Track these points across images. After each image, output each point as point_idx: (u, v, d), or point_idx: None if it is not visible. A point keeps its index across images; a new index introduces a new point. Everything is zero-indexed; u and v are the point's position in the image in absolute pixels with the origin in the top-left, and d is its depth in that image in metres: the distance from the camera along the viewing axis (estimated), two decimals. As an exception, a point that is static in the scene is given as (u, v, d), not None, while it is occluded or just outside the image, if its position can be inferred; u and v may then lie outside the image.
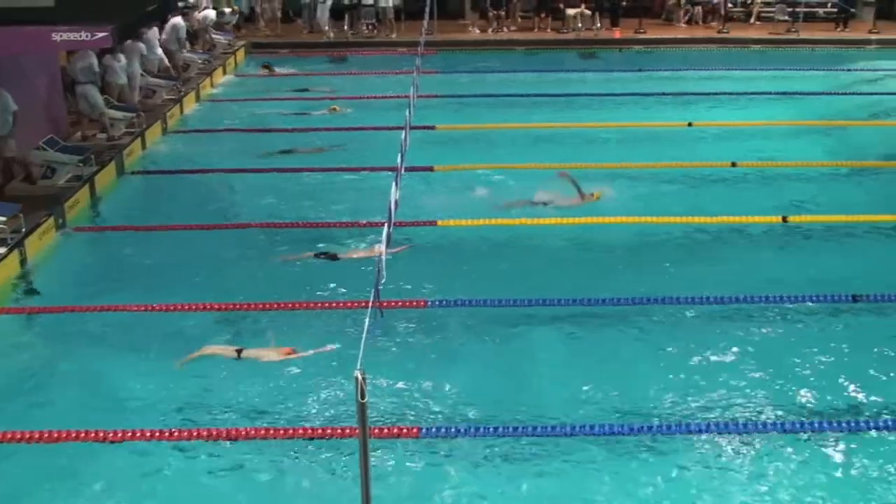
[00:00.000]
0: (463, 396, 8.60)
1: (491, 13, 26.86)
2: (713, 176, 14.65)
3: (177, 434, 8.01)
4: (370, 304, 7.03)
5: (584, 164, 14.92)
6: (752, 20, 28.00)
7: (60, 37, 12.20)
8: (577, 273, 11.18)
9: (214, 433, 8.02)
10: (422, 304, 10.26)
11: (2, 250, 11.17)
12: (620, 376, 8.94)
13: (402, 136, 12.04)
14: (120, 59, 17.14)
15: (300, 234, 12.39)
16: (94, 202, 13.89)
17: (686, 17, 27.66)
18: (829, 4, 27.96)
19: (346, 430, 7.93)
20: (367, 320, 5.92)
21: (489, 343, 9.66)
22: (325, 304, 10.30)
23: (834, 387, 8.73)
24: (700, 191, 14.16)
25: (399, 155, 11.06)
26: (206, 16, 23.58)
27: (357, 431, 5.44)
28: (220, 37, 24.27)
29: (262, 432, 8.03)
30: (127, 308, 10.25)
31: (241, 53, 24.50)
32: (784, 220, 12.59)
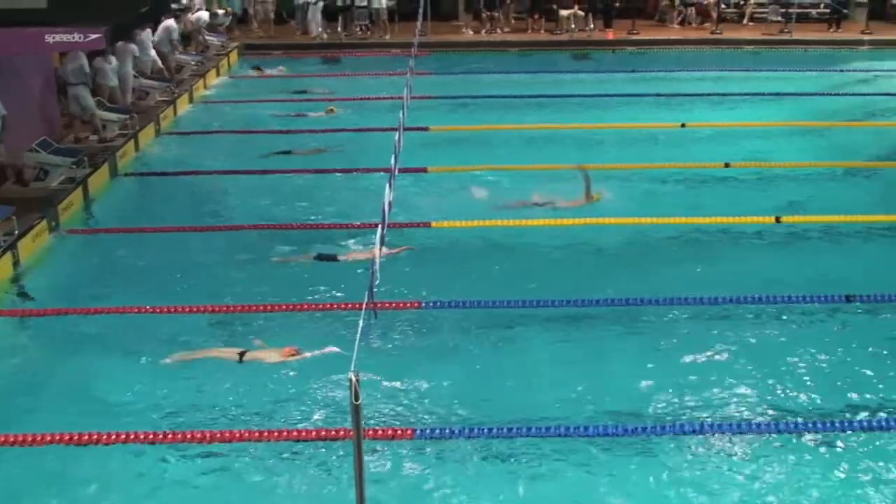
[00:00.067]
0: (457, 397, 8.59)
1: (484, 14, 26.90)
2: (706, 177, 14.68)
3: (171, 436, 7.99)
4: (364, 306, 7.02)
5: (578, 165, 14.92)
6: (745, 21, 28.08)
7: (53, 38, 12.18)
8: (571, 274, 11.19)
9: (209, 436, 8.00)
10: (416, 305, 10.25)
11: (-5, 253, 11.16)
12: (616, 377, 8.94)
13: (396, 138, 12.04)
14: (111, 61, 17.10)
15: (294, 235, 12.37)
16: (88, 204, 13.85)
17: (679, 19, 27.71)
18: (821, 5, 28.07)
19: (341, 432, 7.92)
20: (360, 322, 5.90)
21: (483, 344, 9.65)
22: (318, 306, 10.28)
23: (828, 387, 8.73)
24: (693, 192, 14.18)
25: (393, 156, 11.06)
26: (200, 17, 23.55)
27: (351, 433, 5.43)
28: (213, 38, 24.25)
29: (255, 434, 8.01)
30: (121, 310, 10.23)
31: (234, 55, 24.48)
32: (777, 220, 12.61)
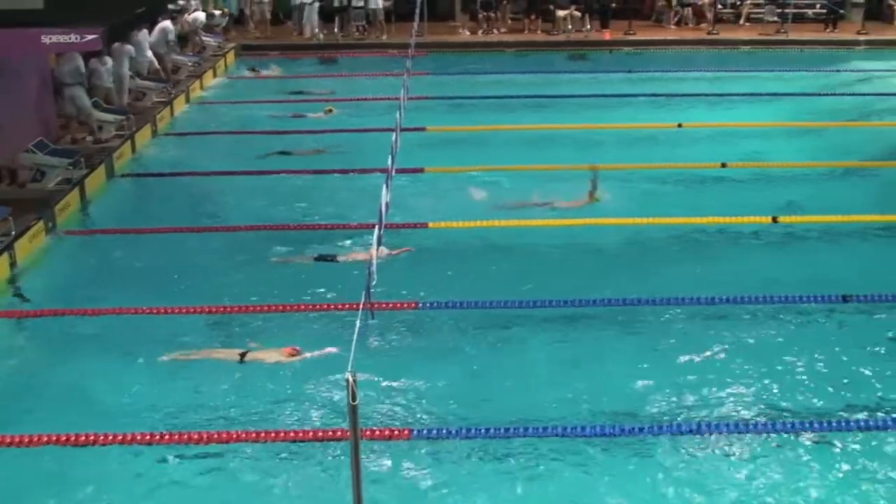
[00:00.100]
0: (455, 398, 8.59)
1: (481, 15, 26.89)
2: (703, 177, 14.68)
3: (168, 437, 7.99)
4: (361, 307, 7.01)
5: (573, 165, 14.94)
6: (741, 21, 28.08)
7: (50, 39, 12.17)
8: (569, 274, 11.19)
9: (206, 436, 8.00)
10: (413, 305, 10.25)
11: (-9, 254, 11.16)
12: (613, 377, 8.95)
13: (393, 138, 12.03)
14: (106, 62, 17.04)
15: (292, 236, 12.36)
16: (84, 205, 13.84)
17: (676, 19, 27.73)
18: (818, 5, 28.10)
19: (338, 433, 7.92)
20: (357, 322, 5.90)
21: (481, 345, 9.65)
22: (316, 307, 10.27)
23: (825, 386, 8.74)
24: (690, 192, 14.18)
25: (390, 157, 11.06)
26: (196, 18, 23.52)
27: (349, 433, 5.42)
28: (209, 39, 24.22)
29: (252, 435, 8.01)
30: (118, 311, 10.23)
31: (231, 56, 24.46)
32: (774, 220, 12.62)
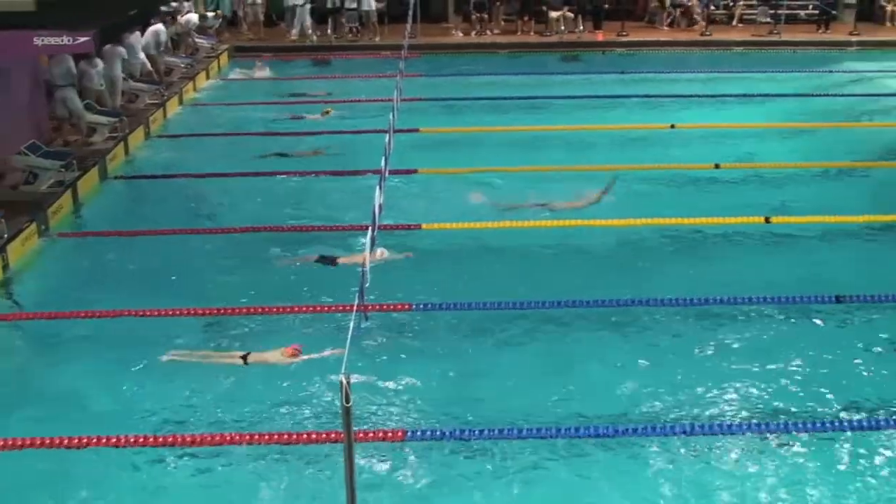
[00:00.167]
0: (448, 399, 8.59)
1: (474, 16, 26.90)
2: (696, 178, 14.70)
3: (161, 440, 7.98)
4: (355, 308, 7.03)
5: (566, 166, 14.98)
6: (734, 22, 28.16)
7: (42, 41, 12.15)
8: (562, 275, 11.20)
9: (199, 439, 7.99)
10: (407, 307, 10.26)
11: (-16, 256, 11.14)
12: (607, 378, 8.94)
13: (387, 140, 12.04)
14: (96, 65, 16.93)
15: (285, 237, 12.35)
16: (77, 207, 13.81)
17: (668, 20, 27.78)
18: (810, 6, 28.17)
19: (332, 435, 7.91)
20: (351, 324, 5.91)
21: (475, 345, 9.65)
22: (310, 308, 10.26)
23: (819, 387, 8.75)
24: (683, 193, 14.20)
25: (383, 158, 11.07)
26: (189, 20, 23.50)
27: (342, 435, 5.43)
28: (202, 41, 24.21)
29: (247, 438, 8.00)
30: (112, 313, 10.20)
31: (224, 57, 24.45)
32: (767, 220, 12.64)
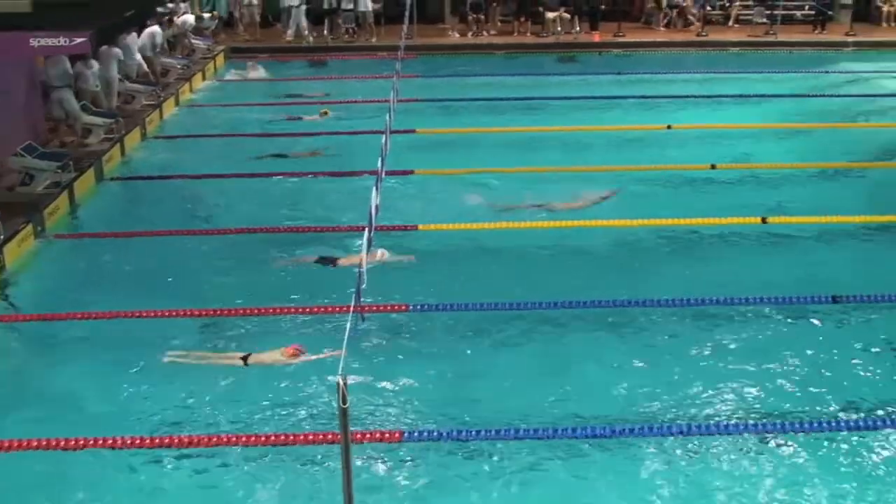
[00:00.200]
0: (446, 400, 8.59)
1: (471, 17, 26.91)
2: (692, 178, 14.71)
3: (158, 441, 7.97)
4: (351, 309, 7.01)
5: (563, 167, 14.98)
6: (730, 23, 28.19)
7: (38, 42, 12.14)
8: (558, 276, 11.20)
9: (196, 440, 7.98)
10: (404, 308, 10.25)
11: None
12: (603, 379, 8.94)
13: (383, 140, 12.03)
14: (92, 66, 16.89)
15: (282, 238, 12.35)
16: (74, 209, 13.80)
17: (665, 21, 27.80)
18: (806, 7, 28.21)
19: (329, 436, 7.91)
20: (348, 325, 5.90)
21: (472, 346, 9.65)
22: (306, 310, 10.25)
23: (815, 387, 8.76)
24: (679, 193, 14.21)
25: (379, 159, 11.05)
26: (185, 21, 23.49)
27: (339, 437, 5.42)
28: (199, 42, 24.19)
29: (244, 439, 7.99)
30: (108, 315, 10.19)
31: (220, 58, 24.43)
32: (763, 221, 12.65)
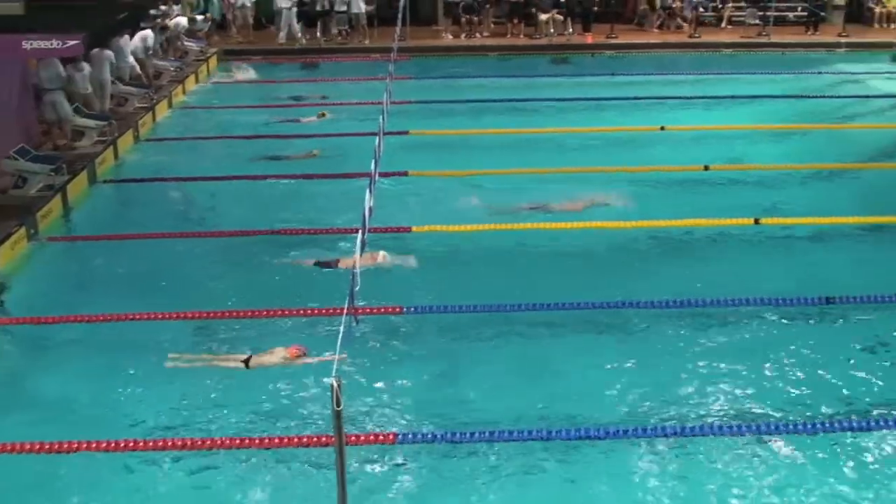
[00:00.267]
0: (440, 402, 8.59)
1: (464, 19, 26.92)
2: (686, 179, 14.73)
3: (152, 444, 7.96)
4: (345, 312, 7.02)
5: (557, 168, 15.00)
6: (723, 24, 28.24)
7: (31, 44, 12.16)
8: (552, 278, 11.20)
9: (189, 443, 7.97)
10: (398, 310, 10.26)
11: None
12: (599, 380, 8.95)
13: (376, 143, 12.04)
14: (83, 69, 16.77)
15: (275, 240, 12.32)
16: (67, 211, 13.77)
17: (658, 22, 27.84)
18: (799, 8, 28.28)
19: (324, 438, 7.91)
20: (341, 328, 5.91)
21: (465, 348, 9.65)
22: (300, 312, 10.24)
23: (810, 388, 8.78)
24: (673, 194, 14.24)
25: (373, 161, 11.06)
26: (178, 23, 23.46)
27: (333, 439, 5.43)
28: (192, 44, 24.17)
29: (237, 442, 7.99)
30: (101, 318, 10.17)
31: (213, 61, 24.41)
32: (756, 221, 12.67)
